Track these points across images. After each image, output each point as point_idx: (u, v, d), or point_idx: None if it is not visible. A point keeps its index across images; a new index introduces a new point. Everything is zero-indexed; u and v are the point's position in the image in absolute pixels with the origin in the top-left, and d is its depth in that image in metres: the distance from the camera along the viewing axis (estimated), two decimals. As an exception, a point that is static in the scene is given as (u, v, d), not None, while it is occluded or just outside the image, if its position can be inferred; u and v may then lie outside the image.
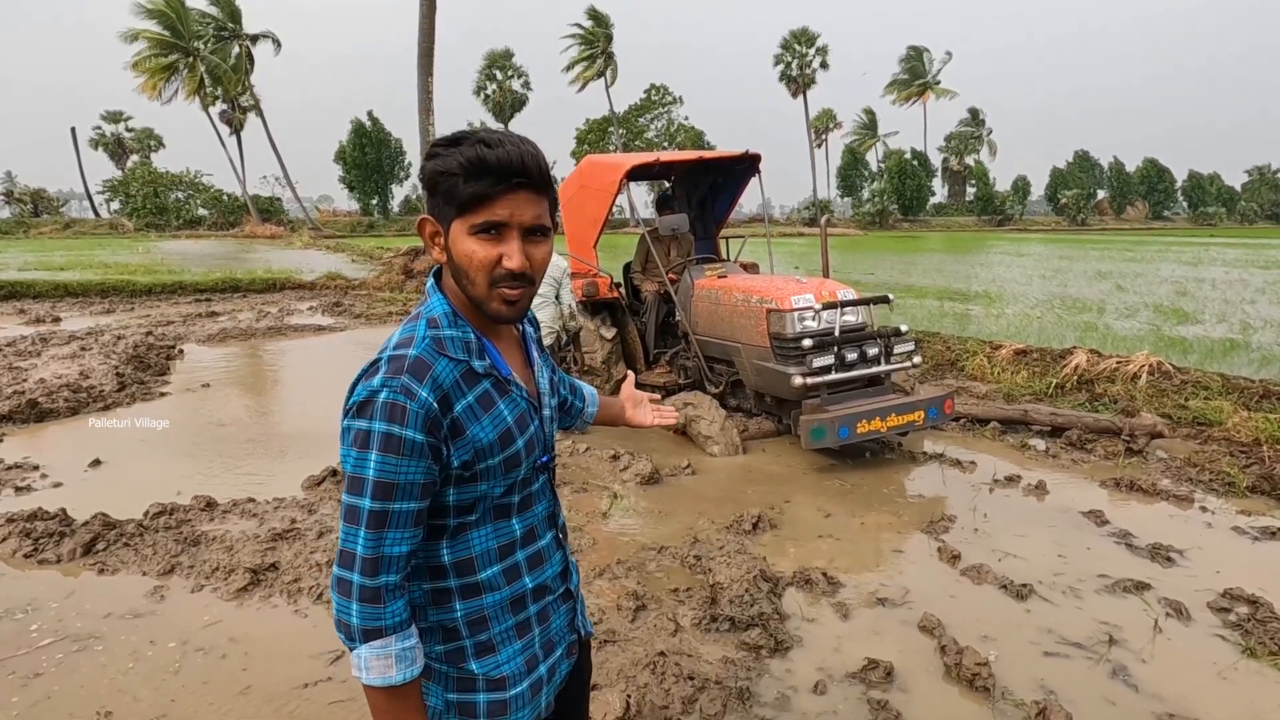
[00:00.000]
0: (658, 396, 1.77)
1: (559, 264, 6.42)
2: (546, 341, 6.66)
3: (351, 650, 1.12)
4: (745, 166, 7.21)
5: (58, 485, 4.90)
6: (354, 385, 1.15)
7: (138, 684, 2.81)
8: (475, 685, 1.23)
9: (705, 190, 7.81)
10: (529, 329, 1.39)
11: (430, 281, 1.26)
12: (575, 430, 1.64)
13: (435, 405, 1.11)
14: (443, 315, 1.19)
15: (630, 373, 1.84)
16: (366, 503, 1.09)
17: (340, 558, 1.12)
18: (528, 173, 1.13)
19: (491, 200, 1.12)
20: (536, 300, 6.26)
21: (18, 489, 4.81)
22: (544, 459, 1.32)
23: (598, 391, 1.72)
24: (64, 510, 4.21)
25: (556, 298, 6.27)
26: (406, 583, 1.15)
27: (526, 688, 1.27)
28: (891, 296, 5.71)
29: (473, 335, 1.20)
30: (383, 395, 1.09)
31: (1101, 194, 74.14)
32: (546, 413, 1.34)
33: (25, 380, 7.54)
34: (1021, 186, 66.95)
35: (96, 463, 5.28)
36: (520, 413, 1.24)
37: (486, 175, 1.10)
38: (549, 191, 1.18)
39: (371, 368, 1.14)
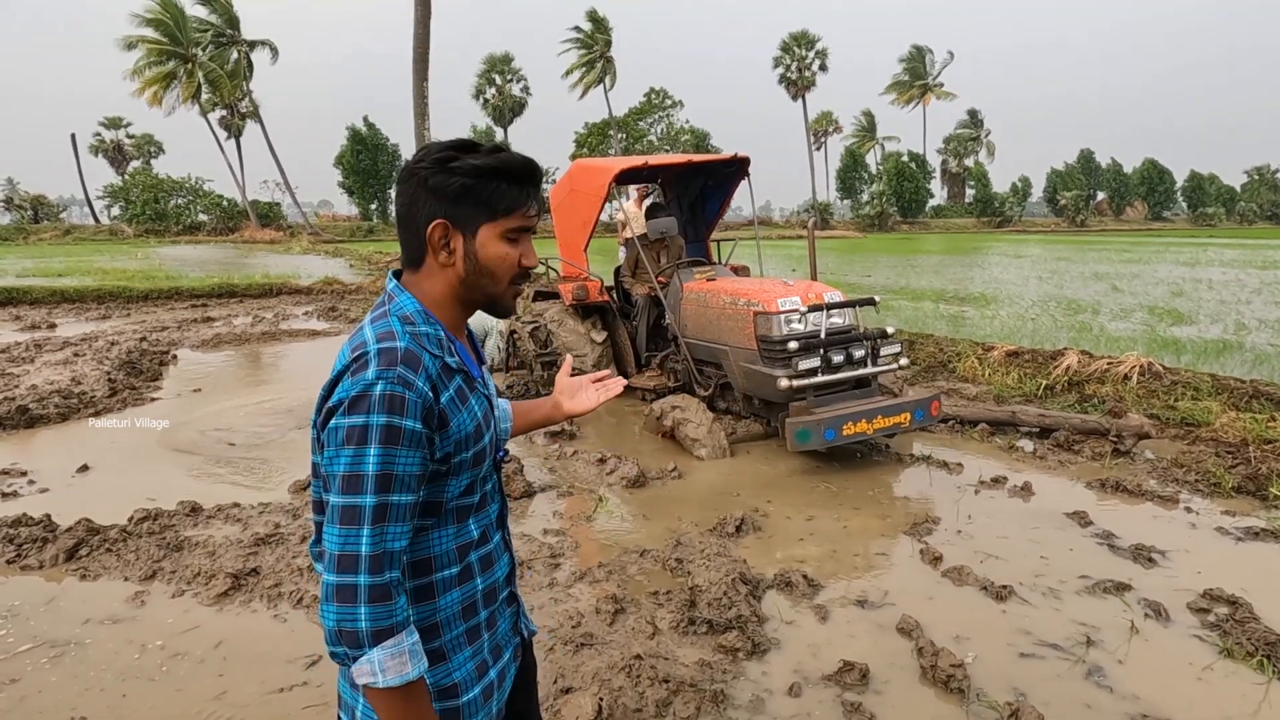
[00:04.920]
0: (604, 373, 1.72)
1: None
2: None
3: (357, 660, 1.07)
4: (735, 169, 7.23)
5: (44, 491, 4.91)
6: (335, 382, 1.14)
7: (113, 689, 2.81)
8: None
9: (696, 193, 7.83)
10: (471, 330, 1.42)
11: (392, 282, 1.25)
12: None
13: (430, 395, 1.13)
14: (416, 313, 1.21)
15: (569, 357, 1.81)
16: (369, 499, 1.07)
17: (339, 564, 1.07)
18: (540, 179, 1.24)
19: (524, 204, 1.21)
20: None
21: (4, 495, 4.81)
22: (501, 454, 1.37)
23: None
24: (49, 516, 4.22)
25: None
26: (405, 579, 1.15)
27: (479, 693, 1.27)
28: (878, 298, 5.71)
29: (443, 333, 1.23)
30: (379, 387, 1.08)
31: (1101, 195, 74.20)
32: (497, 412, 1.38)
33: (17, 386, 7.54)
34: (1021, 188, 67.01)
35: (84, 468, 5.29)
36: (485, 409, 1.28)
37: (523, 181, 1.19)
38: None
39: (357, 362, 1.12)
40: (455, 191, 1.16)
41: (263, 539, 4.01)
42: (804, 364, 4.99)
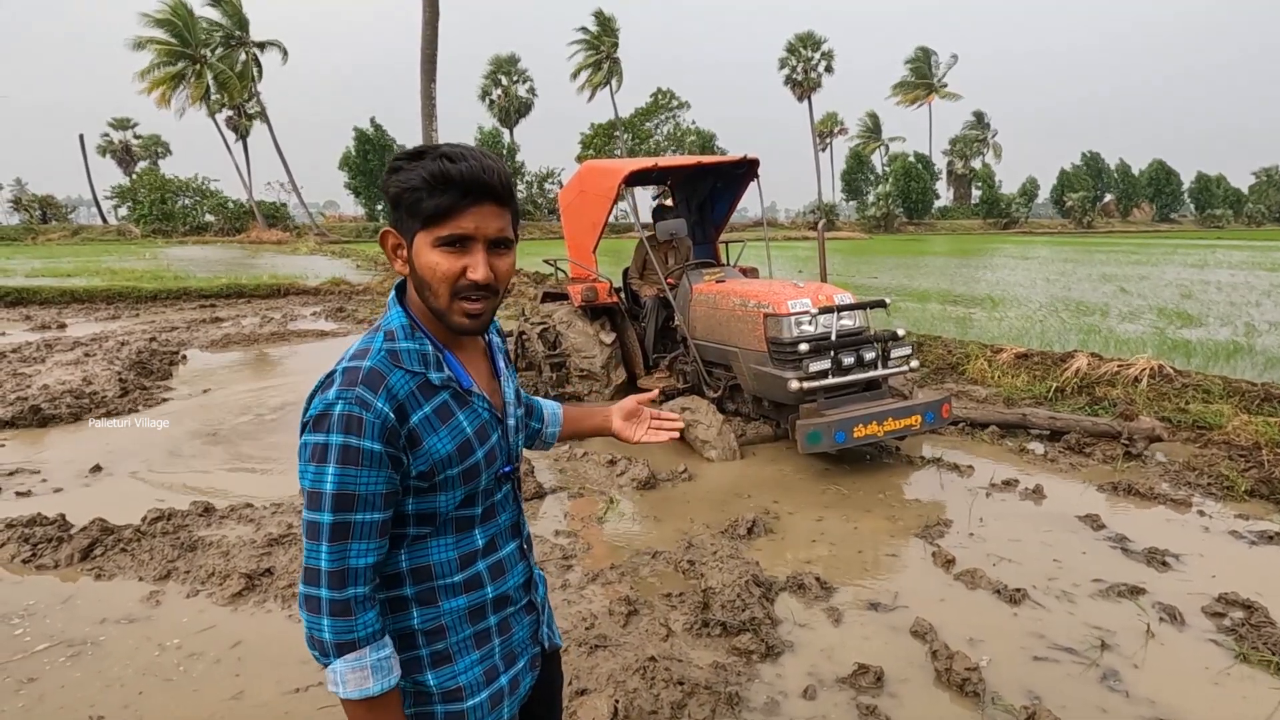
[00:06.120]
0: (670, 415, 1.67)
1: None
2: None
3: (326, 666, 1.11)
4: (744, 171, 7.23)
5: (58, 491, 4.94)
6: (309, 399, 1.15)
7: (131, 688, 2.82)
8: (431, 699, 1.22)
9: (704, 195, 7.83)
10: (495, 339, 1.39)
11: (392, 294, 1.25)
12: (536, 450, 1.63)
13: (391, 415, 1.11)
14: (399, 328, 1.19)
15: (657, 390, 1.80)
16: (327, 516, 1.09)
17: (305, 575, 1.11)
18: (491, 186, 1.14)
19: (457, 213, 1.12)
20: None
21: (18, 494, 4.84)
22: (506, 469, 1.31)
23: (581, 401, 1.70)
24: (63, 516, 4.24)
25: None
26: (376, 593, 1.15)
27: (486, 698, 1.26)
28: (888, 300, 5.71)
29: (430, 347, 1.20)
30: (339, 408, 1.09)
31: (1108, 197, 73.95)
32: (511, 423, 1.33)
33: (29, 386, 7.59)
34: (1028, 189, 66.80)
35: (97, 468, 5.31)
36: (481, 424, 1.23)
37: (451, 189, 1.11)
38: (512, 204, 1.20)
39: (326, 381, 1.14)
40: (394, 199, 1.15)
41: (276, 539, 4.02)
42: (814, 366, 4.99)
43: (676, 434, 1.63)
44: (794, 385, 4.92)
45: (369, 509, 1.10)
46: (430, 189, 1.11)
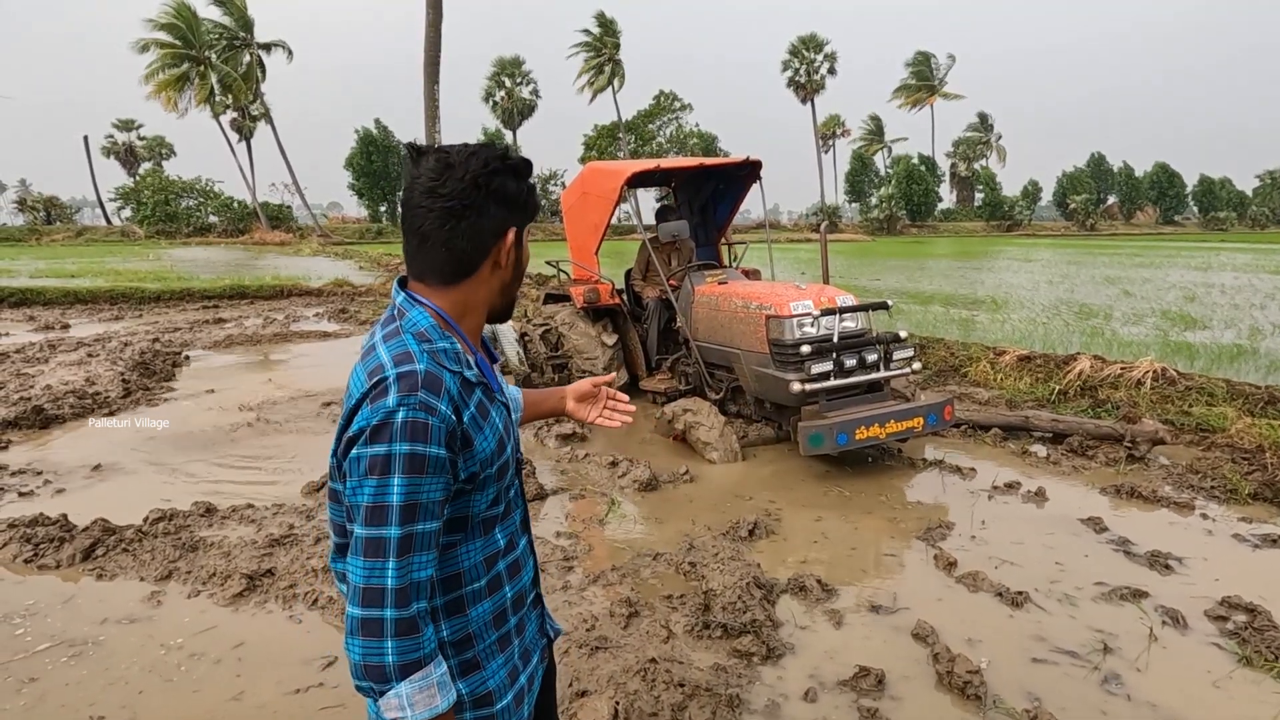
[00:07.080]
0: (624, 397, 1.71)
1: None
2: None
3: (383, 694, 1.05)
4: (746, 173, 7.23)
5: (60, 491, 4.94)
6: (354, 410, 1.09)
7: (131, 689, 2.83)
8: (461, 707, 1.20)
9: (707, 197, 7.83)
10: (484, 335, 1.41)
11: (400, 295, 1.20)
12: None
13: (453, 417, 1.09)
14: (430, 328, 1.16)
15: (613, 375, 1.85)
16: (394, 531, 1.03)
17: (364, 597, 1.04)
18: None
19: None
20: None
21: (21, 494, 4.85)
22: (518, 454, 1.33)
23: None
24: (65, 516, 4.25)
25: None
26: (436, 594, 1.13)
27: (511, 699, 1.26)
28: (891, 302, 5.70)
29: (459, 345, 1.18)
30: (401, 414, 1.04)
31: (1111, 199, 73.81)
32: (513, 415, 1.36)
33: (32, 387, 7.60)
34: (1031, 191, 66.68)
35: (99, 469, 5.32)
36: (505, 418, 1.25)
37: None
38: None
39: (377, 389, 1.07)
40: (524, 198, 1.17)
41: (277, 540, 4.02)
42: (816, 368, 4.98)
43: (629, 419, 1.67)
44: (796, 387, 4.91)
45: (430, 517, 1.07)
46: (528, 180, 1.21)
